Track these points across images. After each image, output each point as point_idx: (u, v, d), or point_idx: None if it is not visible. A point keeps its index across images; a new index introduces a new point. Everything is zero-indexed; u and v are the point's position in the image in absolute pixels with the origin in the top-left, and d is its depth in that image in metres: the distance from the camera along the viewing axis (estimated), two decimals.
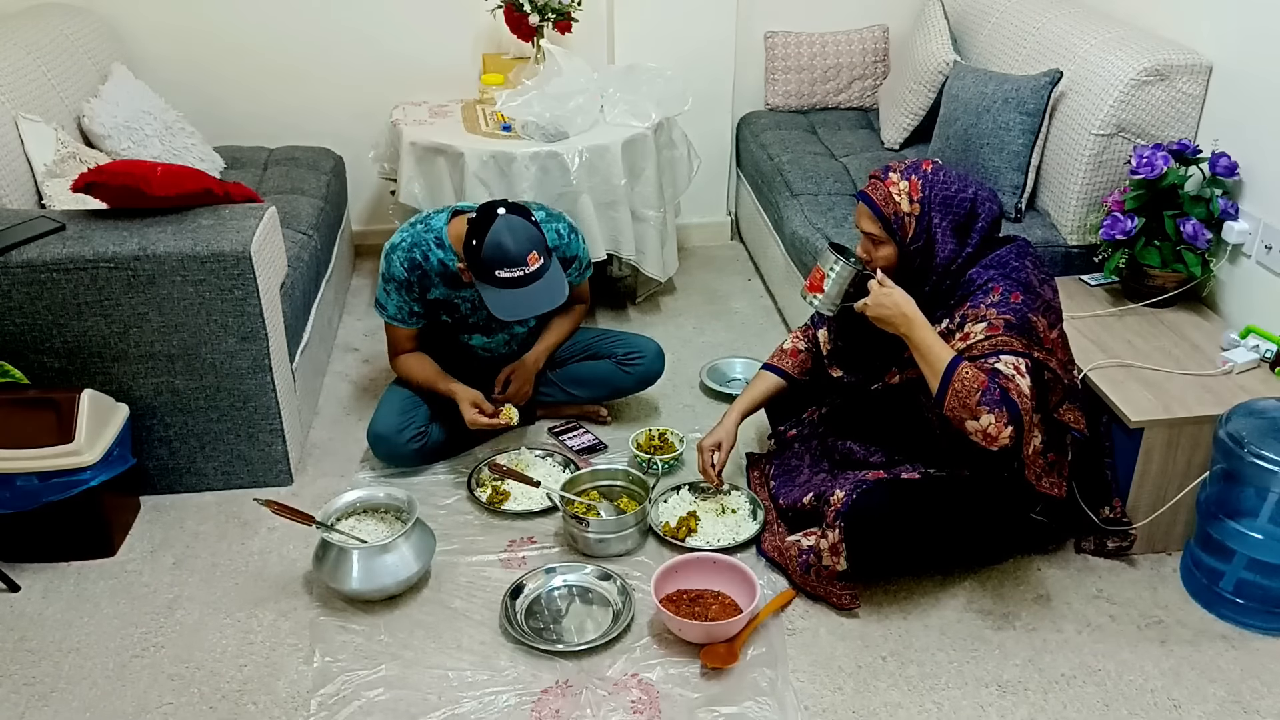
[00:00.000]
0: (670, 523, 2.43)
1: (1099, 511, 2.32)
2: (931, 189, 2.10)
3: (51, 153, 2.75)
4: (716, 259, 3.91)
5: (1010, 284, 2.06)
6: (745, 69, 3.84)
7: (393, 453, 2.60)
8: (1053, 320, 2.11)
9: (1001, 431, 1.95)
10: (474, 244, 2.34)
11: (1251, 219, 2.55)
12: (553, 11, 3.34)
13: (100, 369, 2.41)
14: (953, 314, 2.11)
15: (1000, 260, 2.10)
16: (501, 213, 2.35)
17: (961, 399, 1.96)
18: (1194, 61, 2.68)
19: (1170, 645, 2.13)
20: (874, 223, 2.13)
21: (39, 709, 1.98)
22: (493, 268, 2.33)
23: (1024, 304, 2.03)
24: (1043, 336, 2.05)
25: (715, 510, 2.47)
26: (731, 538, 2.38)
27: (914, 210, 2.10)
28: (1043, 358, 2.05)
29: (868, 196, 2.13)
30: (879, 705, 1.99)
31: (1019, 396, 1.96)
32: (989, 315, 2.03)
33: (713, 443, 2.44)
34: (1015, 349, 2.01)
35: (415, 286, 2.56)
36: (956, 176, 2.14)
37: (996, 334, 2.01)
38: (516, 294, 2.36)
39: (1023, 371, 2.00)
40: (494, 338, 2.74)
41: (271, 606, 2.23)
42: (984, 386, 1.94)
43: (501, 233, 2.32)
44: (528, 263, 2.34)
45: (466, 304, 2.63)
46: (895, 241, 2.12)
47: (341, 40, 3.65)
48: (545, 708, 1.97)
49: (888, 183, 2.12)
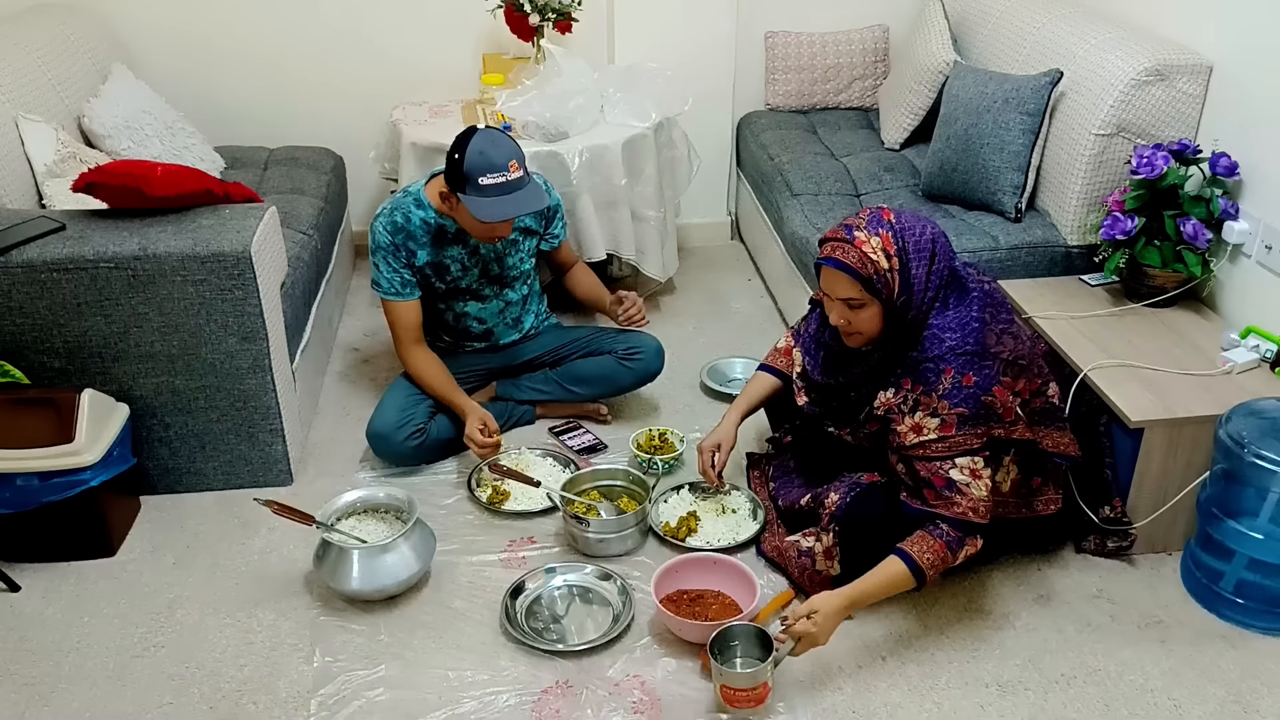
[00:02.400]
0: (670, 523, 2.43)
1: (1099, 511, 2.32)
2: (903, 239, 2.01)
3: (51, 153, 2.75)
4: (716, 259, 3.91)
5: (963, 361, 1.99)
6: (745, 69, 3.84)
7: (391, 451, 2.61)
8: (1015, 374, 2.05)
9: (978, 544, 2.02)
10: (455, 158, 2.39)
11: (1251, 219, 2.55)
12: (553, 11, 3.34)
13: (100, 369, 2.41)
14: (900, 385, 2.05)
15: (959, 323, 2.02)
16: (480, 127, 2.43)
17: (940, 565, 1.99)
18: (1194, 61, 2.68)
19: (1170, 645, 2.13)
20: (853, 286, 2.01)
21: (39, 709, 1.98)
22: (476, 175, 2.37)
23: (977, 386, 1.98)
24: (1003, 411, 2.01)
25: (715, 510, 2.47)
26: (731, 538, 2.38)
27: (894, 265, 2.00)
28: (1003, 433, 2.02)
29: (840, 262, 2.01)
30: (879, 705, 1.99)
31: (972, 510, 1.98)
32: (941, 411, 1.99)
33: (713, 444, 2.44)
34: (970, 447, 1.98)
35: (401, 250, 2.59)
36: (913, 217, 2.06)
37: (950, 434, 1.98)
38: (501, 200, 2.39)
39: (979, 471, 1.99)
40: (488, 304, 2.75)
41: (271, 606, 2.23)
42: (945, 548, 1.99)
43: (482, 142, 2.39)
44: (509, 169, 2.39)
45: (456, 264, 2.65)
46: (880, 301, 2.02)
47: (342, 40, 3.65)
48: (545, 708, 1.97)
49: (857, 243, 2.00)
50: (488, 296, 2.74)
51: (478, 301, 2.74)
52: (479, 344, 2.82)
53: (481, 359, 2.84)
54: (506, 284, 2.75)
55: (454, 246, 2.63)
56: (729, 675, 1.91)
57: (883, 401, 2.09)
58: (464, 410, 2.59)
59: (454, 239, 2.62)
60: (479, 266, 2.68)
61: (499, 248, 2.67)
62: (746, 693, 1.90)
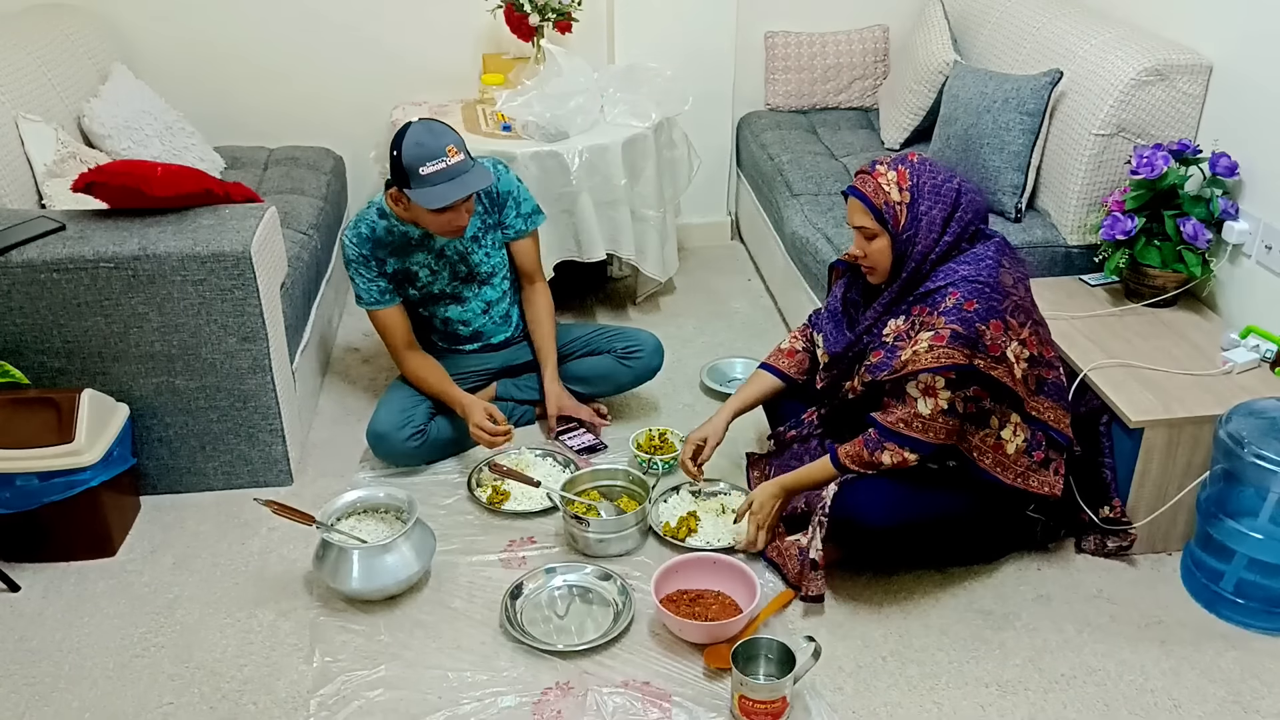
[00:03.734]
0: (670, 523, 2.42)
1: (1099, 511, 2.32)
2: (919, 177, 2.13)
3: (51, 153, 2.75)
4: (716, 259, 3.91)
5: (970, 289, 2.06)
6: (745, 69, 3.84)
7: (392, 451, 2.61)
8: (1023, 319, 2.11)
9: (906, 457, 2.11)
10: (395, 154, 2.40)
11: (1251, 219, 2.55)
12: (553, 11, 3.34)
13: (100, 369, 2.41)
14: (910, 311, 2.15)
15: (974, 257, 2.12)
16: (414, 120, 2.45)
17: (856, 459, 2.15)
18: (1194, 61, 2.68)
19: (1170, 645, 2.13)
20: (866, 215, 2.15)
21: (39, 709, 1.98)
22: (416, 166, 2.38)
23: (976, 313, 2.04)
24: (990, 345, 2.05)
25: (715, 510, 2.47)
26: (732, 537, 2.38)
27: (904, 199, 2.12)
28: (985, 366, 2.05)
29: (857, 190, 2.16)
30: (879, 705, 1.99)
31: (904, 421, 2.09)
32: (937, 324, 2.06)
33: (699, 437, 2.45)
34: (954, 362, 2.02)
35: (371, 260, 2.60)
36: (943, 168, 2.17)
37: (940, 345, 2.03)
38: (446, 186, 2.40)
39: (934, 390, 2.07)
40: (468, 306, 2.75)
41: (271, 606, 2.23)
42: (862, 442, 2.14)
43: (417, 133, 2.40)
44: (447, 154, 2.39)
45: (424, 269, 2.66)
46: (888, 232, 2.13)
47: (342, 40, 3.65)
48: (546, 709, 1.97)
49: (875, 174, 2.14)
50: (465, 298, 2.74)
51: (457, 304, 2.74)
52: (472, 345, 2.82)
53: (481, 359, 2.84)
54: (481, 281, 2.74)
55: (419, 252, 2.63)
56: (750, 686, 1.91)
57: (892, 329, 2.17)
58: (463, 405, 2.60)
59: (418, 245, 2.62)
60: (447, 269, 2.68)
61: (462, 246, 2.66)
62: (765, 705, 1.90)
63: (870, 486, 2.15)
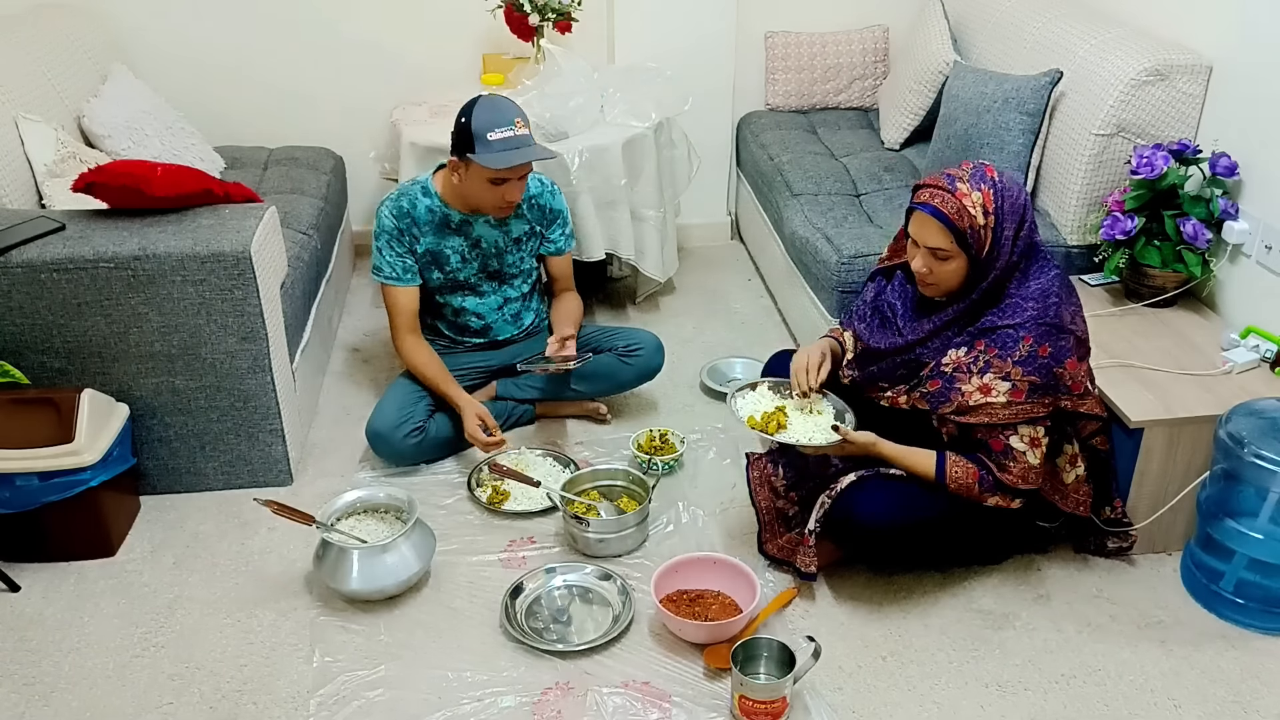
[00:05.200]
0: (757, 416, 2.24)
1: (1099, 511, 2.32)
2: (1003, 199, 2.02)
3: (51, 153, 2.75)
4: (716, 259, 3.91)
5: (1042, 332, 2.02)
6: (745, 69, 3.84)
7: (391, 449, 2.61)
8: (1083, 354, 2.11)
9: (1011, 504, 2.11)
10: (463, 121, 2.46)
11: (1251, 219, 2.55)
12: (553, 11, 3.34)
13: (100, 369, 2.41)
14: (973, 345, 2.08)
15: (1042, 293, 2.05)
16: (482, 95, 2.52)
17: (963, 489, 2.10)
18: (1194, 61, 2.68)
19: (1170, 645, 2.13)
20: (944, 236, 2.01)
21: (39, 709, 1.98)
22: (485, 132, 2.44)
23: (1051, 357, 2.03)
24: (1071, 384, 2.06)
25: (804, 410, 2.28)
26: (825, 437, 2.19)
27: (989, 223, 2.01)
28: (1071, 405, 2.08)
29: (938, 210, 2.01)
30: (879, 705, 1.99)
31: (1021, 478, 2.07)
32: (1014, 376, 2.03)
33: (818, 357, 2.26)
34: (1035, 415, 2.04)
35: (405, 236, 2.63)
36: (1009, 177, 2.08)
37: (1019, 401, 2.03)
38: (510, 152, 2.46)
39: (1039, 441, 2.07)
40: (486, 300, 2.76)
41: (271, 606, 2.23)
42: (976, 479, 2.09)
43: (487, 103, 2.48)
44: (515, 126, 2.47)
45: (456, 255, 2.67)
46: (968, 256, 2.04)
47: (341, 40, 3.65)
48: (546, 709, 1.97)
49: (959, 194, 2.00)
50: (485, 292, 2.75)
51: (476, 297, 2.75)
52: (478, 339, 2.82)
53: (482, 356, 2.84)
54: (505, 280, 2.75)
55: (455, 237, 2.65)
56: (749, 686, 1.91)
57: (952, 360, 2.10)
58: (458, 403, 2.61)
59: (457, 229, 2.63)
60: (478, 260, 2.69)
61: (503, 243, 2.68)
62: (764, 705, 1.90)
63: (872, 487, 2.15)
